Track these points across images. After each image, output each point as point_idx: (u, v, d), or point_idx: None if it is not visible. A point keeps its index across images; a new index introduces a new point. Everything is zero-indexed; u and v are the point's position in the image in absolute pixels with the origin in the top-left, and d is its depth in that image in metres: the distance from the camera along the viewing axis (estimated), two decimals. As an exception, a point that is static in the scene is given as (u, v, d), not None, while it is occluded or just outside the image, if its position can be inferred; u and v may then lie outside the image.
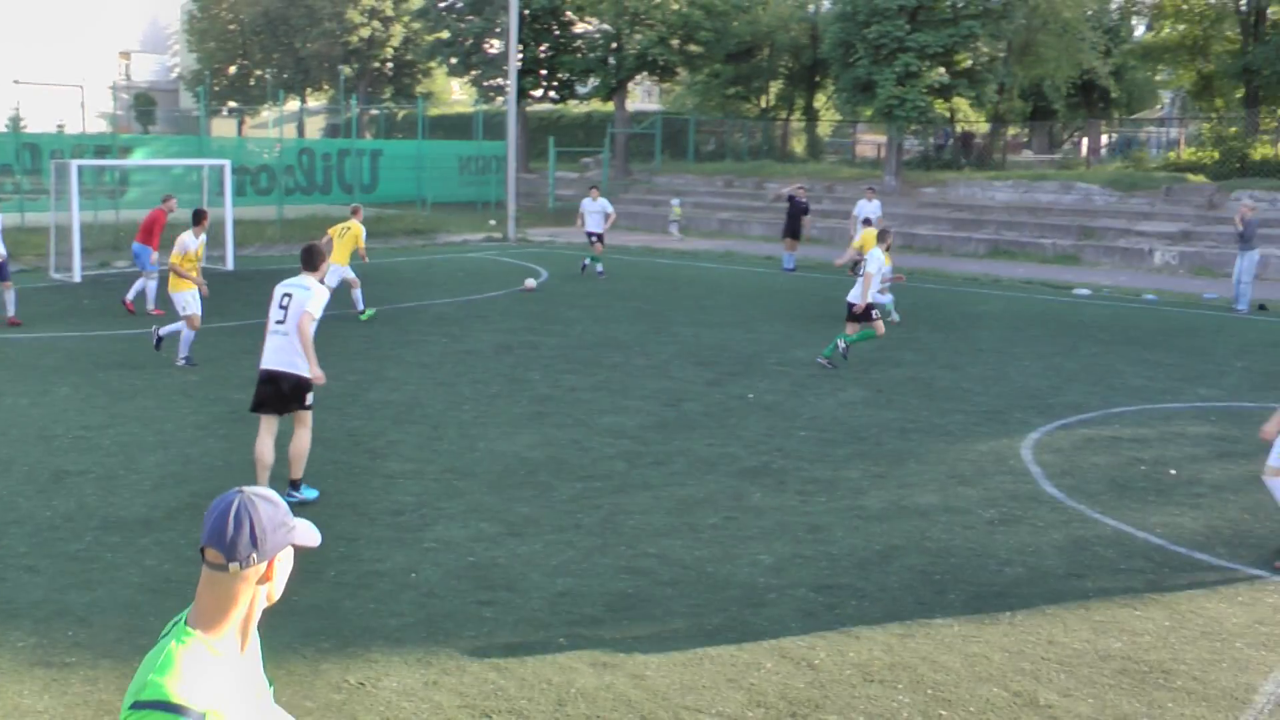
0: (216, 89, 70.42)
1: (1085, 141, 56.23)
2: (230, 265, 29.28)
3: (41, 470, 12.13)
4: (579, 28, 55.84)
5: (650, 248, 36.80)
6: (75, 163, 28.27)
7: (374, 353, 18.68)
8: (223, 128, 73.91)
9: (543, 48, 53.88)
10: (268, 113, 71.20)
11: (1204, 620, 8.69)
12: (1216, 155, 41.86)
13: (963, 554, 9.98)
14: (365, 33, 69.26)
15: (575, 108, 64.68)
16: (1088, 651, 8.11)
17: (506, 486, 11.68)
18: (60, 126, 45.22)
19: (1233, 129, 42.69)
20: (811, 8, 57.26)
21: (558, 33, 54.17)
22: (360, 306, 22.21)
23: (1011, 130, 57.89)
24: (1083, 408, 15.64)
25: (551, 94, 56.59)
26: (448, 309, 23.36)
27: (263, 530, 3.16)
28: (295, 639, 8.09)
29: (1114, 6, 53.22)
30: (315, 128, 79.88)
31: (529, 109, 58.35)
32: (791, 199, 32.21)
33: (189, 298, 17.51)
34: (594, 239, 29.40)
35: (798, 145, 59.09)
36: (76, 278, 27.21)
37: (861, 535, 10.41)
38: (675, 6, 49.74)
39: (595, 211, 29.39)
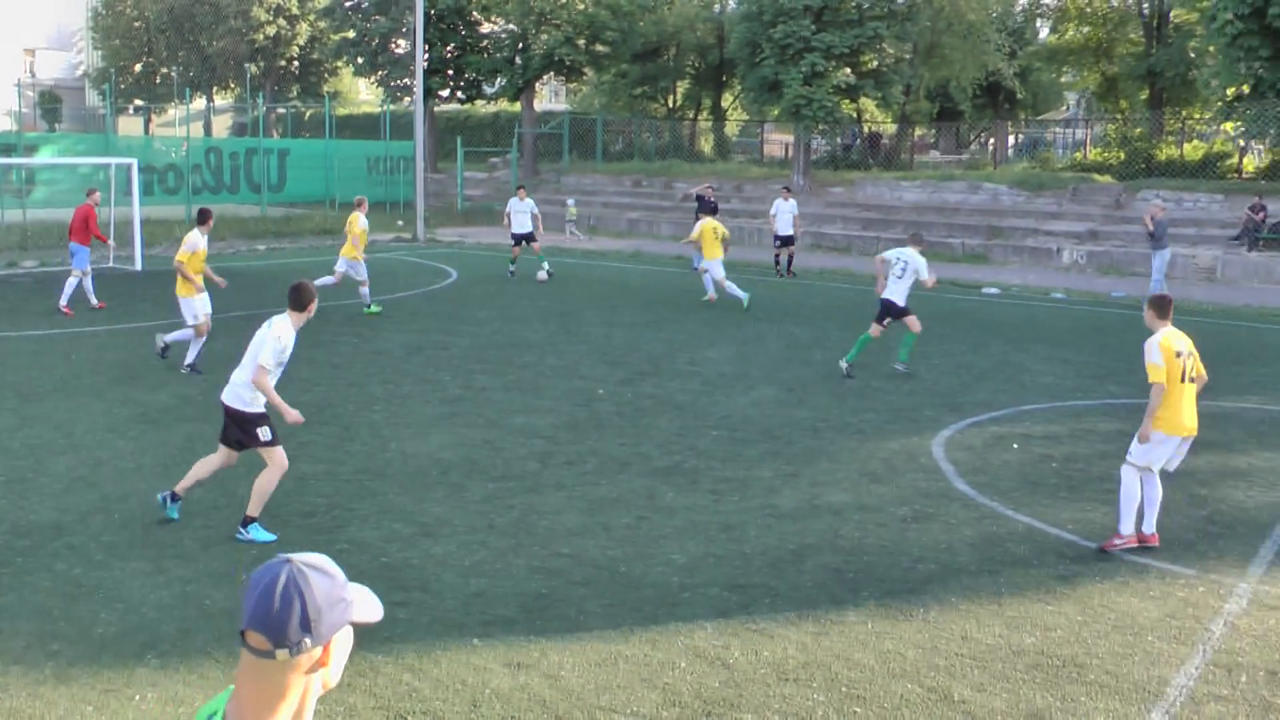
0: (122, 87, 69.31)
1: (992, 142, 56.94)
2: (139, 265, 28.81)
3: (-56, 475, 11.90)
4: (485, 28, 55.56)
5: (559, 247, 36.70)
6: (-22, 161, 27.89)
7: (283, 354, 18.46)
8: (130, 126, 72.82)
9: (449, 48, 53.54)
10: (174, 111, 70.25)
11: (1116, 614, 8.81)
12: (1122, 156, 42.57)
13: (876, 552, 10.04)
14: (271, 30, 68.56)
15: (483, 108, 64.41)
16: (1001, 647, 8.20)
17: (419, 487, 11.60)
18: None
19: (1138, 130, 43.45)
20: (717, 7, 57.49)
21: (464, 33, 53.83)
22: (367, 301, 22.84)
23: (918, 131, 58.54)
24: (993, 405, 15.82)
25: (459, 94, 56.27)
26: (357, 309, 23.13)
27: (316, 609, 2.60)
28: (209, 643, 8.02)
29: (1018, 9, 53.97)
30: (223, 126, 78.90)
31: (436, 109, 58.00)
32: (700, 199, 32.27)
33: (197, 303, 17.05)
34: (519, 241, 29.09)
35: (706, 145, 59.30)
36: (-19, 278, 26.76)
37: (774, 534, 10.44)
38: (581, 6, 49.64)
39: (522, 212, 29.03)
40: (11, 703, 7.24)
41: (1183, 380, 10.09)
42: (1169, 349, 10.07)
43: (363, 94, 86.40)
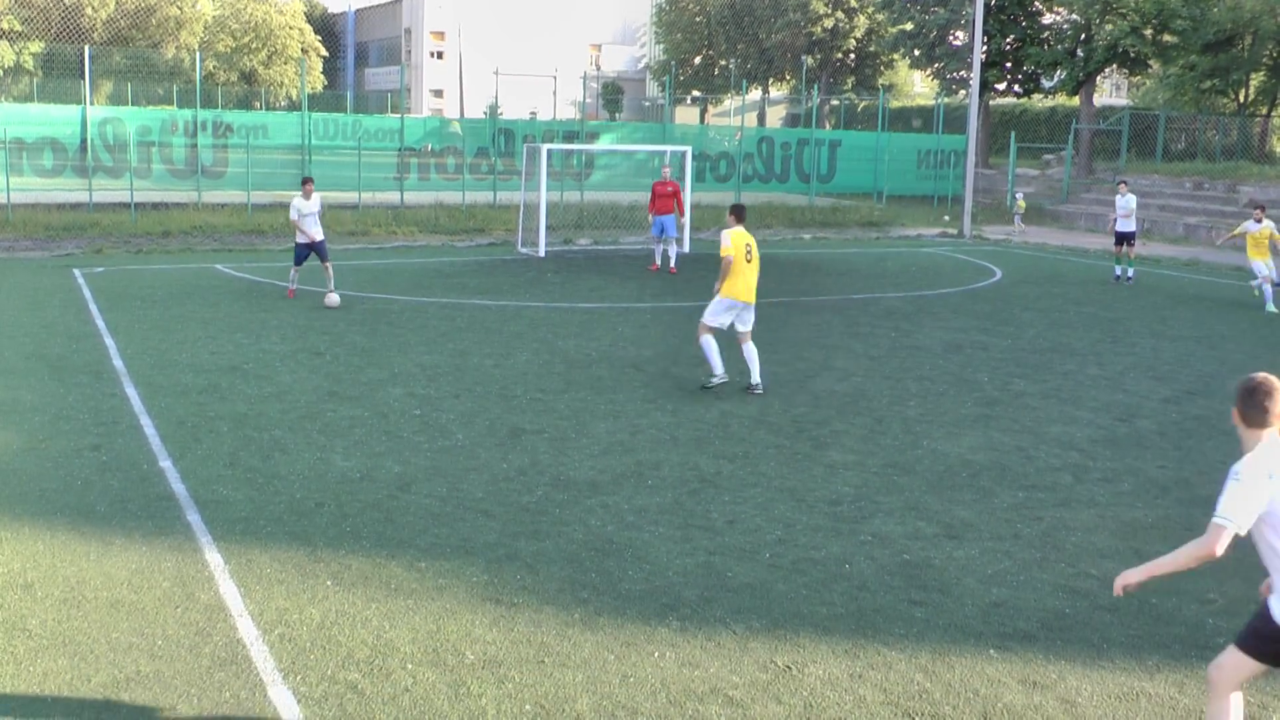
0: (681, 78, 72.57)
1: None
2: (686, 248, 30.10)
3: (501, 426, 13.13)
4: (1047, 18, 54.20)
5: (1108, 251, 35.23)
6: (545, 146, 30.17)
7: (823, 341, 18.79)
8: (685, 116, 76.32)
9: (1008, 39, 52.61)
10: (729, 101, 72.92)
11: None
12: None
13: None
14: (829, 23, 69.68)
15: (1039, 102, 62.77)
16: None
17: (947, 488, 11.47)
18: (533, 113, 48.15)
19: None
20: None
21: (1024, 24, 52.72)
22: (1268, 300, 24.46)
23: None
24: None
25: (1015, 87, 55.17)
26: (898, 303, 23.19)
27: None
28: (727, 614, 8.30)
29: None
30: (775, 117, 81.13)
31: (991, 103, 57.12)
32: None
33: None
34: (1121, 240, 28.00)
35: (1279, 144, 54.93)
36: (541, 252, 28.94)
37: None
38: (1150, -8, 47.03)
39: (1123, 209, 27.98)
40: (543, 638, 7.86)
41: None
42: None
43: (917, 86, 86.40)
